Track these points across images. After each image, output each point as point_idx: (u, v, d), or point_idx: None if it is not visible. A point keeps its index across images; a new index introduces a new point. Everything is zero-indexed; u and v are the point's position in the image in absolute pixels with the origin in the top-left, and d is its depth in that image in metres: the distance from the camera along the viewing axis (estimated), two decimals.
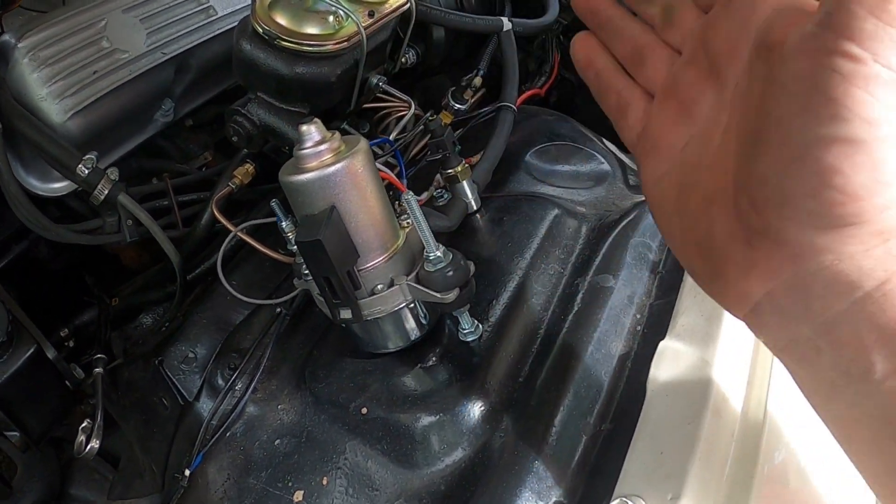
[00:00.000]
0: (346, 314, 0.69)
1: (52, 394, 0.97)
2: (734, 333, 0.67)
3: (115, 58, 0.93)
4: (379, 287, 0.68)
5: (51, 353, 0.94)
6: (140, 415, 0.93)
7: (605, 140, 1.06)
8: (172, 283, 0.98)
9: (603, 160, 0.98)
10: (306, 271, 0.71)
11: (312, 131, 0.65)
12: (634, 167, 1.03)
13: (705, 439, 0.58)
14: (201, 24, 1.00)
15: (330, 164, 0.64)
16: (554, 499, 0.63)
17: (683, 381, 0.64)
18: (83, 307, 1.09)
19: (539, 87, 1.24)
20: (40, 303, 1.04)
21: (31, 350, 0.91)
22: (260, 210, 1.00)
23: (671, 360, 0.67)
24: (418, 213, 0.65)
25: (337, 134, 0.67)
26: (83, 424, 0.90)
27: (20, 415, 0.93)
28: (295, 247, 0.75)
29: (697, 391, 0.62)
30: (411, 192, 0.65)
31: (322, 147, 0.65)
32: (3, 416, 0.91)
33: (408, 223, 0.71)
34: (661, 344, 0.69)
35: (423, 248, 0.69)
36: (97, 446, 0.89)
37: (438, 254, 0.67)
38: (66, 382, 0.97)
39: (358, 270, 0.67)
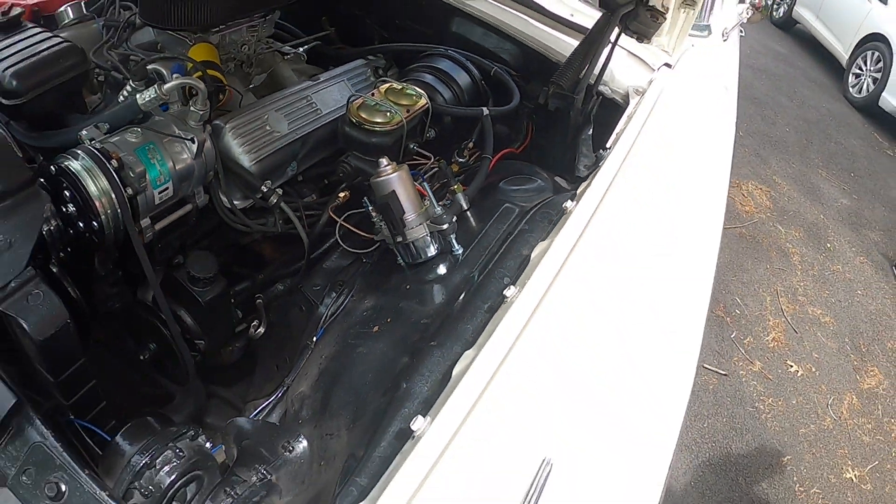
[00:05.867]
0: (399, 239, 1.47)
1: (227, 319, 1.69)
2: None
3: (273, 135, 1.73)
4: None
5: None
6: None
7: (551, 174, 1.84)
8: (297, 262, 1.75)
9: (544, 183, 1.75)
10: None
11: (384, 162, 1.45)
12: (565, 185, 1.78)
13: None
14: (315, 118, 1.82)
15: (391, 173, 1.43)
16: None
17: None
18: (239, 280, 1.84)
19: (515, 147, 2.08)
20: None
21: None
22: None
23: None
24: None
25: (394, 163, 1.46)
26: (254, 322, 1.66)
27: (211, 326, 1.62)
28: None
29: None
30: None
31: (388, 167, 1.44)
32: (197, 329, 1.60)
33: (425, 204, 1.48)
34: None
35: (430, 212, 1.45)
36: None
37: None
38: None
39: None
